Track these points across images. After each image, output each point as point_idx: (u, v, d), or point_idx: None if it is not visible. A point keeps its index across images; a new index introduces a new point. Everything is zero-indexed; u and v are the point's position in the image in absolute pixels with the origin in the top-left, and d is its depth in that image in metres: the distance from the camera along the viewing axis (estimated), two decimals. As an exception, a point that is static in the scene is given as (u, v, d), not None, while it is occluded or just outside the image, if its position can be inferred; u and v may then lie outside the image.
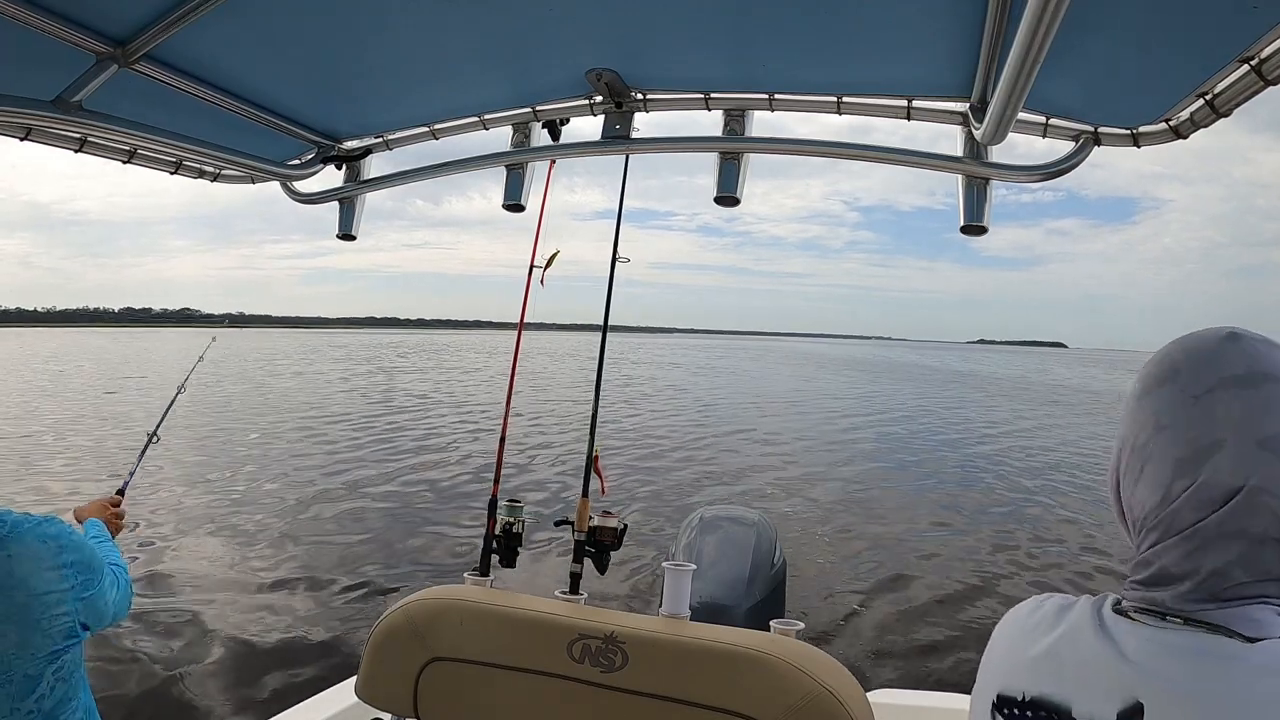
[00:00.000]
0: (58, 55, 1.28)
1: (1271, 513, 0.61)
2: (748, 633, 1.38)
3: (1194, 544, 0.63)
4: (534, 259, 2.05)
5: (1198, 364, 0.66)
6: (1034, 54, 0.80)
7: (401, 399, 22.10)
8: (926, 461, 13.59)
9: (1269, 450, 0.61)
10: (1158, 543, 0.66)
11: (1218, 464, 0.62)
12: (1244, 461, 0.61)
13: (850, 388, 32.67)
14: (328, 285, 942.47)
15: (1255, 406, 0.62)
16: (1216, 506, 0.62)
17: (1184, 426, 0.64)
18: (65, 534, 1.33)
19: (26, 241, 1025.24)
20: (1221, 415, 0.63)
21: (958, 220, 1.50)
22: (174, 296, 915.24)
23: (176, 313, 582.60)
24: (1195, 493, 0.63)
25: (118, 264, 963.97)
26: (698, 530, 2.62)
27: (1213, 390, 0.64)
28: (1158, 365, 0.69)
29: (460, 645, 1.44)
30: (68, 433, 14.50)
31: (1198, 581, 0.63)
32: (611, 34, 1.38)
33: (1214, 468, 0.62)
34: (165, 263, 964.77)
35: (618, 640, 1.35)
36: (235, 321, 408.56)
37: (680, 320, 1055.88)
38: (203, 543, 7.47)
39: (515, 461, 11.52)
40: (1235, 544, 0.62)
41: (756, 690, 1.23)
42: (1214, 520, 0.62)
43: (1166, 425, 0.65)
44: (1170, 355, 0.68)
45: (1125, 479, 0.69)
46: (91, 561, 1.35)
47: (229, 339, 79.13)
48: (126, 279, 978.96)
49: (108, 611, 1.40)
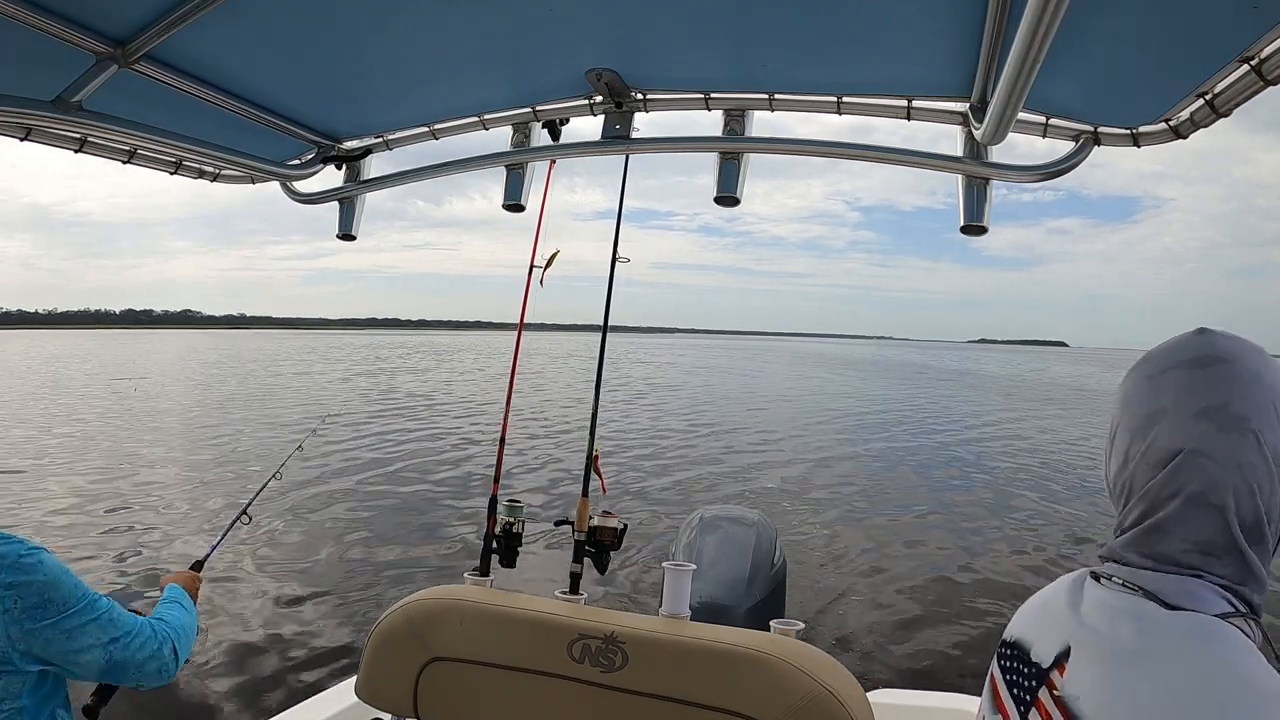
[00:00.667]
0: (58, 55, 1.28)
1: (1206, 475, 0.69)
2: (748, 633, 1.38)
3: (1145, 503, 0.73)
4: (534, 259, 2.05)
5: (1162, 352, 0.77)
6: (1034, 54, 0.80)
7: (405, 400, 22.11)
8: (928, 460, 13.59)
9: (1207, 419, 0.70)
10: (1124, 506, 0.76)
11: (1160, 430, 0.72)
12: (1181, 427, 0.71)
13: (852, 386, 32.70)
14: (329, 286, 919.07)
15: (1198, 382, 0.72)
16: (1161, 467, 0.71)
17: (1139, 402, 0.75)
18: (15, 554, 1.21)
19: (28, 243, 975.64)
20: (1169, 389, 0.73)
21: (958, 220, 1.50)
22: (175, 298, 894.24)
23: (178, 314, 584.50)
24: (1144, 456, 0.73)
25: (119, 265, 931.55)
26: (698, 530, 2.62)
27: (1165, 371, 0.75)
28: (1138, 360, 0.79)
29: (460, 645, 1.44)
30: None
31: (1141, 532, 0.73)
32: (611, 34, 1.38)
33: (1158, 433, 0.72)
34: (166, 264, 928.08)
35: (618, 640, 1.35)
36: (236, 323, 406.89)
37: (681, 320, 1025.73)
38: (200, 539, 7.47)
39: (516, 461, 11.52)
40: (1173, 503, 0.70)
41: (756, 690, 1.24)
42: (1159, 480, 0.72)
43: (1130, 401, 0.77)
44: (1149, 350, 0.79)
45: (1107, 455, 0.80)
46: (52, 592, 1.22)
47: (232, 340, 79.15)
48: (127, 280, 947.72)
49: (96, 662, 1.28)
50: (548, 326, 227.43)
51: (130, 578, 6.42)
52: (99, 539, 7.55)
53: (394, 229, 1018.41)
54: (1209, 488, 0.68)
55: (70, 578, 1.27)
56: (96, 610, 1.29)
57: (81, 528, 7.92)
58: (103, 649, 1.29)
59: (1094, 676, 0.69)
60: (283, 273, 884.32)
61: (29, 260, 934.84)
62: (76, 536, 7.57)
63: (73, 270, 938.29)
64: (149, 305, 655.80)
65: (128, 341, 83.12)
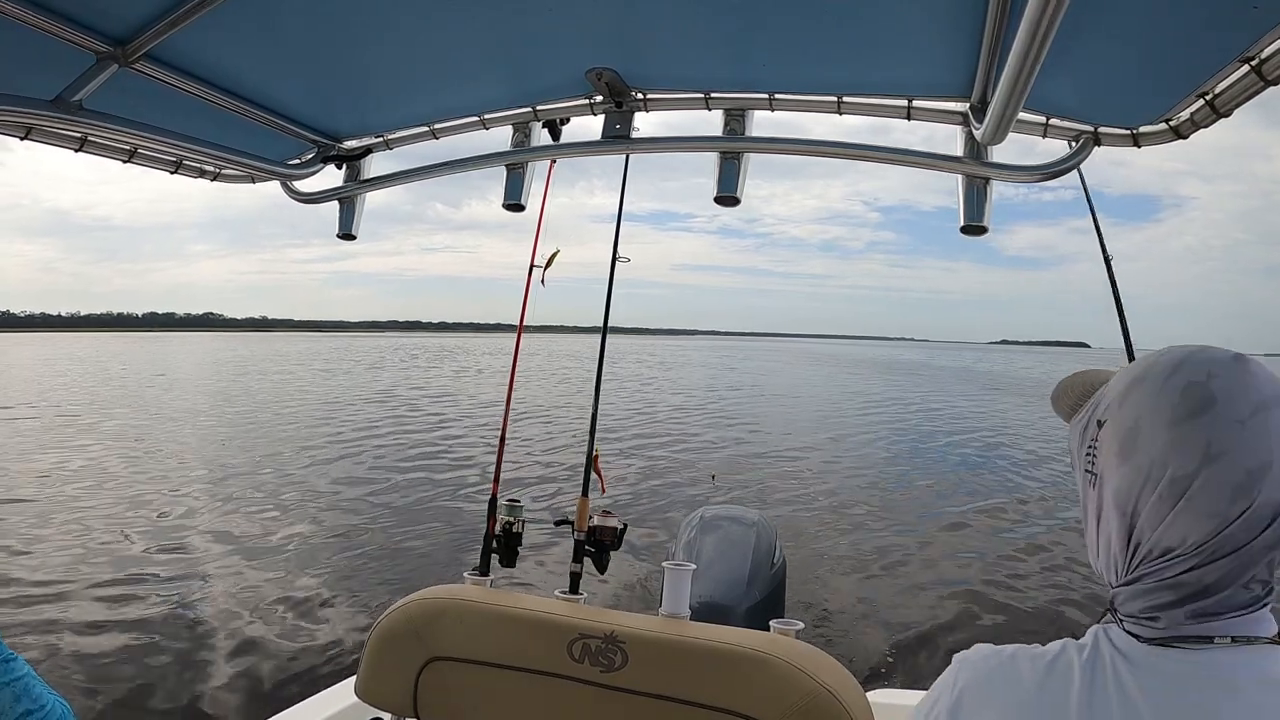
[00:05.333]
0: (58, 54, 1.28)
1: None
2: (747, 633, 1.38)
3: (1237, 561, 0.63)
4: (534, 259, 2.05)
5: (1241, 389, 0.65)
6: (1034, 54, 0.80)
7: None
8: (929, 459, 13.59)
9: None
10: (1195, 567, 0.64)
11: (1268, 484, 0.62)
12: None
13: (865, 387, 32.63)
14: (349, 289, 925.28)
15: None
16: (1264, 527, 0.63)
17: (1237, 453, 0.64)
18: None
19: (49, 247, 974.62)
20: (1269, 436, 0.63)
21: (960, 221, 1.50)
22: (197, 301, 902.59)
23: (200, 317, 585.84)
24: (1246, 518, 0.63)
25: (140, 268, 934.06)
26: (698, 530, 2.62)
27: (1259, 412, 0.64)
28: (1186, 392, 0.67)
29: (460, 645, 1.44)
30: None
31: (1234, 597, 0.64)
32: (612, 33, 1.38)
33: (1265, 488, 0.63)
34: (187, 267, 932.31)
35: (617, 640, 1.35)
36: (258, 325, 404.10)
37: (701, 322, 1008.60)
38: (196, 537, 7.47)
39: (516, 459, 11.53)
40: (1264, 554, 0.64)
41: (756, 690, 1.24)
42: (1262, 539, 0.63)
43: (1218, 455, 0.64)
44: (1194, 388, 0.67)
45: (1152, 510, 0.66)
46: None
47: (257, 343, 78.35)
48: (149, 284, 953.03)
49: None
50: (566, 329, 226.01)
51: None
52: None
53: (414, 232, 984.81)
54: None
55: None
56: (11, 673, 1.01)
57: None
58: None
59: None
60: (303, 276, 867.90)
61: (51, 264, 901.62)
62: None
63: (94, 274, 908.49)
64: (171, 308, 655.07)
65: (161, 343, 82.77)
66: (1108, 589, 0.72)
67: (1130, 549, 0.68)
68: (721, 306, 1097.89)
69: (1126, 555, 0.69)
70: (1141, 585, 0.67)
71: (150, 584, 6.19)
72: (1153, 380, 0.69)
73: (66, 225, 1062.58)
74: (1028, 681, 0.68)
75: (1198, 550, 0.64)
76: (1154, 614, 0.66)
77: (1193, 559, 0.64)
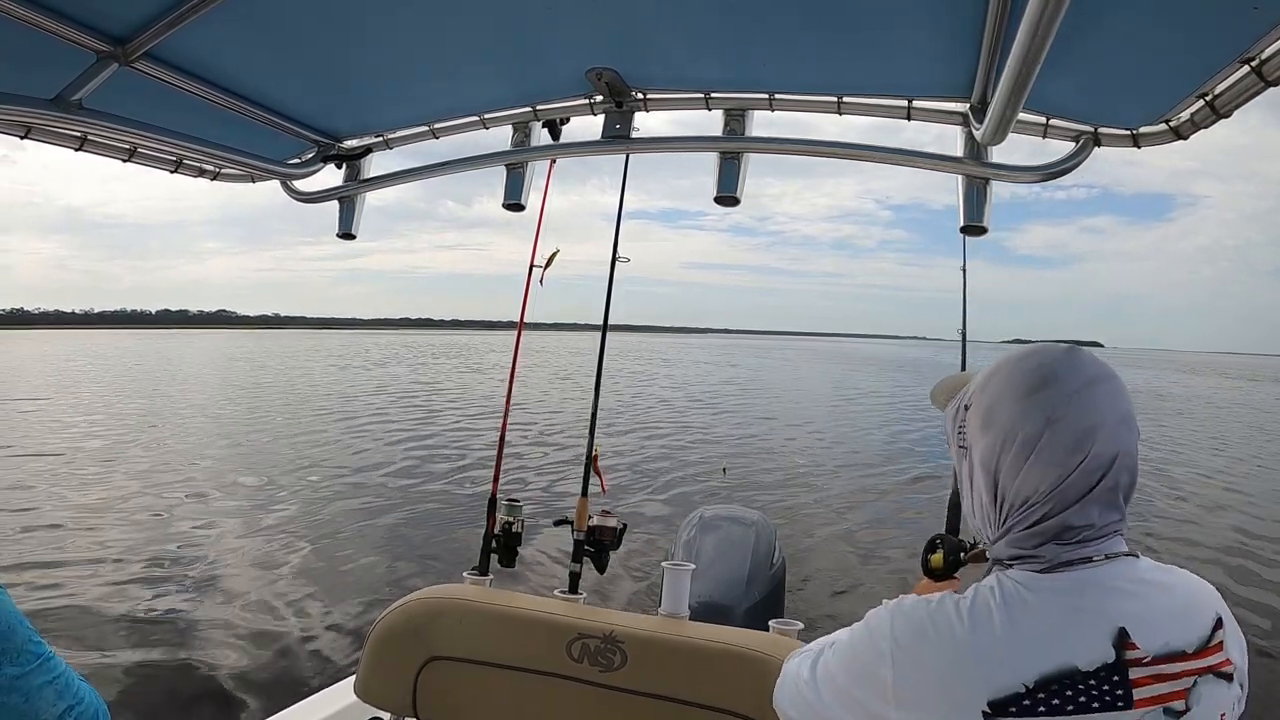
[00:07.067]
0: (58, 54, 1.28)
1: (1132, 471, 0.80)
2: (747, 633, 1.38)
3: (1086, 504, 0.79)
4: (534, 258, 2.05)
5: (1068, 369, 0.82)
6: (1034, 54, 0.80)
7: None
8: (933, 459, 13.58)
9: (1126, 425, 0.80)
10: (1052, 513, 0.79)
11: (1100, 439, 0.78)
12: (1115, 435, 0.79)
13: (870, 384, 32.65)
14: (361, 286, 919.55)
15: (1117, 395, 0.81)
16: (1102, 473, 0.78)
17: (1074, 418, 0.79)
18: None
19: (63, 244, 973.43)
20: (1098, 403, 0.80)
21: (961, 221, 1.50)
22: (210, 298, 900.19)
23: (213, 314, 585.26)
24: (1084, 465, 0.78)
25: (152, 266, 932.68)
26: (697, 530, 2.63)
27: (1090, 386, 0.80)
28: (1022, 378, 0.83)
29: (459, 644, 1.44)
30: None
31: (1092, 531, 0.79)
32: (612, 33, 1.38)
33: (1098, 442, 0.78)
34: (199, 265, 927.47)
35: (617, 640, 1.35)
36: (271, 323, 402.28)
37: (712, 320, 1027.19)
38: (196, 536, 7.47)
39: (516, 459, 11.53)
40: (1109, 495, 0.80)
41: (755, 690, 1.24)
42: (1103, 484, 0.79)
43: (1057, 419, 0.79)
44: (1031, 365, 0.84)
45: (1010, 466, 0.81)
46: (5, 642, 0.97)
47: (272, 340, 78.07)
48: (162, 281, 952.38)
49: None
50: (580, 326, 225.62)
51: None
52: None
53: (425, 229, 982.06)
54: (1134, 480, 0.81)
55: (26, 626, 1.02)
56: (52, 671, 1.02)
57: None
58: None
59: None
60: (315, 274, 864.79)
61: (64, 261, 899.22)
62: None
63: (107, 271, 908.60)
64: (184, 305, 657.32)
65: (180, 340, 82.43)
66: (988, 544, 0.87)
67: (998, 502, 0.83)
68: (732, 305, 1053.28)
69: (995, 508, 0.84)
70: (1013, 535, 0.82)
71: (149, 581, 6.19)
72: (1006, 367, 0.85)
73: (79, 222, 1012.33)
74: (958, 627, 0.78)
75: (1048, 496, 0.79)
76: (1035, 551, 0.80)
77: (1047, 504, 0.79)
